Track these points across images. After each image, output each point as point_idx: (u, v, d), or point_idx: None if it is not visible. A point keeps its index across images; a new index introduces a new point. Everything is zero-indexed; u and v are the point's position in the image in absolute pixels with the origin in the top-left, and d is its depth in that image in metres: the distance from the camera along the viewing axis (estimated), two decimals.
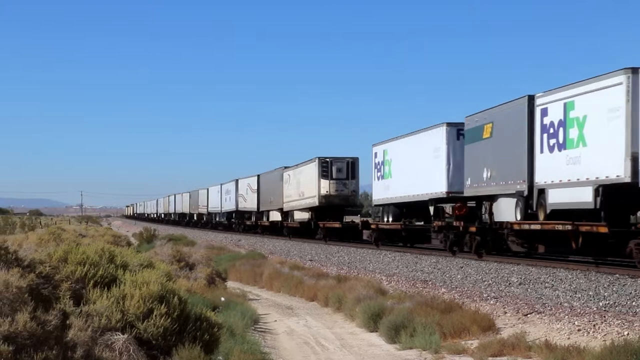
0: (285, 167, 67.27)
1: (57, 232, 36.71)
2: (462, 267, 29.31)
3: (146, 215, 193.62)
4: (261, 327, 21.00)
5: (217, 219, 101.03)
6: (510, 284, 23.82)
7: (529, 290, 22.21)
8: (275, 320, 22.75)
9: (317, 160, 56.32)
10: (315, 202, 56.57)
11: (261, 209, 76.34)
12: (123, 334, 11.33)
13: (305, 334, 20.27)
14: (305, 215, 60.66)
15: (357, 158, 56.94)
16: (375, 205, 51.14)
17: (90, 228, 77.13)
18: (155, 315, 11.90)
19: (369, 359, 16.41)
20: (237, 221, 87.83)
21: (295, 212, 63.71)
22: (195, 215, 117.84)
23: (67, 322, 10.75)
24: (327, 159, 56.19)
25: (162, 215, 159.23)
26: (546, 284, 22.89)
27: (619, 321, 16.24)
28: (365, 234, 52.22)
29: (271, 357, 15.75)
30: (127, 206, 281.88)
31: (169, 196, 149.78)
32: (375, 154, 49.45)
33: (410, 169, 42.92)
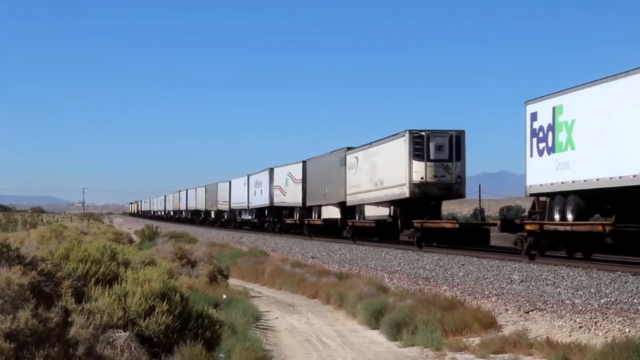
0: (349, 148, 51.16)
1: (58, 230, 36.79)
2: (463, 265, 29.29)
3: (152, 212, 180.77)
4: (263, 324, 21.01)
5: (243, 217, 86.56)
6: (511, 281, 23.82)
7: (530, 287, 22.21)
8: (277, 318, 22.76)
9: (407, 135, 40.45)
10: (403, 192, 40.97)
11: (309, 204, 59.59)
12: (125, 332, 11.34)
13: (306, 331, 20.28)
14: (382, 211, 45.97)
15: (463, 131, 41.21)
16: (536, 195, 32.92)
17: (92, 225, 77.14)
18: (157, 313, 11.90)
19: (371, 356, 16.42)
20: (272, 219, 71.63)
21: (366, 207, 47.96)
22: (212, 212, 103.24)
23: (69, 319, 10.76)
24: (422, 133, 40.48)
25: (171, 213, 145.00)
26: (548, 282, 22.89)
27: (621, 318, 16.24)
28: (491, 237, 39.55)
29: (273, 355, 15.76)
30: (131, 203, 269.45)
31: (179, 191, 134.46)
32: (534, 114, 31.48)
33: (619, 133, 26.19)
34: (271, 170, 71.57)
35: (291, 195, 64.11)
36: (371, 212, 47.59)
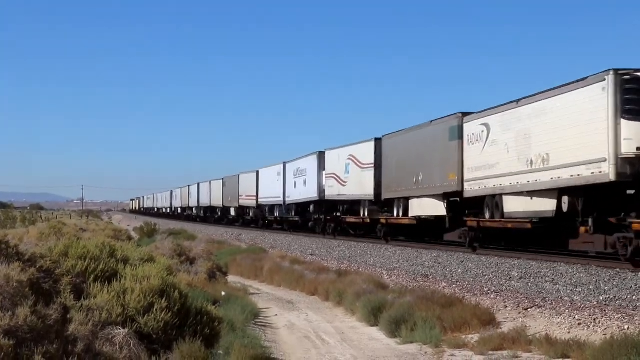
0: (465, 114, 34.85)
1: (57, 227, 36.76)
2: (462, 262, 29.31)
3: (156, 209, 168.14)
4: (262, 321, 21.01)
5: (277, 214, 70.59)
6: (510, 278, 23.83)
7: (529, 284, 22.22)
8: (276, 315, 22.77)
9: (611, 78, 24.32)
10: (601, 173, 24.85)
11: (386, 196, 44.16)
12: (124, 328, 11.34)
13: (305, 328, 20.29)
14: (541, 205, 29.22)
15: None
16: None
17: (91, 222, 77.15)
18: (156, 310, 11.91)
19: (370, 353, 16.42)
20: (323, 217, 55.55)
21: (508, 198, 31.52)
22: (233, 209, 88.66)
23: (68, 316, 10.76)
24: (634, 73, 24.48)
25: (179, 210, 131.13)
26: (547, 278, 22.90)
27: (620, 315, 16.25)
28: None
29: (272, 351, 15.76)
30: (132, 200, 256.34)
31: (189, 186, 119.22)
32: None
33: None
34: (321, 155, 56.51)
35: (355, 186, 48.90)
36: (517, 206, 30.94)
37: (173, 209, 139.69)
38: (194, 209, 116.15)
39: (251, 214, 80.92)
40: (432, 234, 40.34)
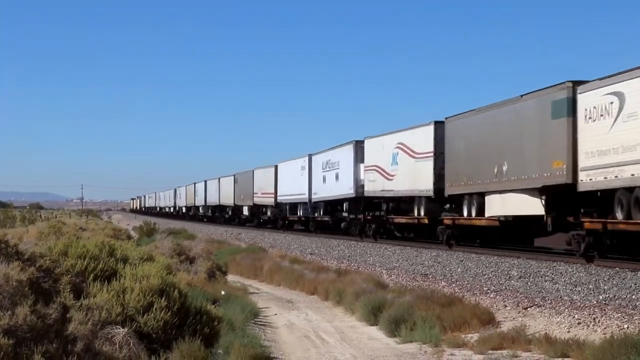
0: (578, 82, 27.03)
1: (57, 226, 36.76)
2: (462, 261, 29.32)
3: (158, 209, 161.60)
4: (261, 320, 21.01)
5: (301, 213, 61.93)
6: (510, 277, 23.84)
7: (529, 283, 22.22)
8: (276, 314, 22.77)
9: None
10: None
11: (451, 192, 36.96)
12: (123, 328, 11.34)
13: (305, 327, 20.29)
14: None
15: None
16: None
17: (90, 222, 77.13)
18: (156, 309, 11.91)
19: (369, 353, 16.42)
20: (362, 217, 47.36)
21: None
22: (246, 208, 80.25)
23: (67, 315, 10.76)
24: None
25: (183, 210, 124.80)
26: (546, 278, 22.90)
27: (619, 314, 16.26)
28: None
29: (271, 351, 15.76)
30: (133, 199, 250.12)
31: (194, 184, 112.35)
32: None
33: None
34: (358, 144, 48.60)
35: (406, 179, 40.87)
36: None
37: (177, 208, 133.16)
38: (200, 208, 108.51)
39: (268, 214, 71.19)
40: (520, 238, 32.84)
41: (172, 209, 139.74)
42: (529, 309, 18.40)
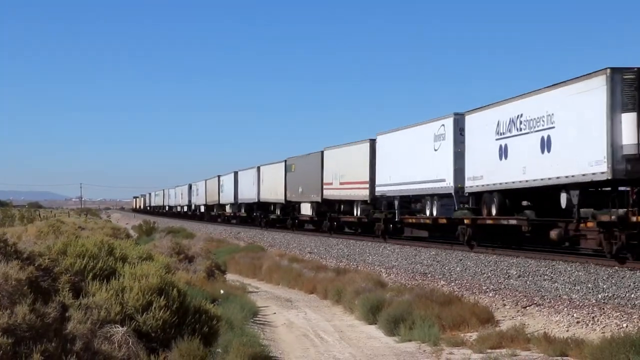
0: None
1: (56, 225, 36.75)
2: (461, 260, 29.32)
3: (167, 208, 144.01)
4: (260, 319, 21.02)
5: (434, 211, 38.19)
6: (509, 276, 23.84)
7: (528, 282, 22.23)
8: (275, 313, 22.78)
9: None
10: None
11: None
12: (122, 327, 11.34)
13: (304, 326, 20.29)
14: None
15: None
16: None
17: (89, 221, 77.09)
18: (155, 308, 11.91)
19: (368, 352, 16.42)
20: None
21: None
22: (307, 205, 58.26)
23: (67, 314, 10.77)
24: None
25: (202, 208, 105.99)
26: (545, 277, 22.91)
27: (618, 313, 16.26)
28: None
29: (270, 350, 15.76)
30: (135, 197, 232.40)
31: (219, 176, 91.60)
32: None
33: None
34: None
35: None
36: None
37: (194, 207, 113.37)
38: (228, 207, 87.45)
39: (358, 211, 47.80)
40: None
41: (186, 208, 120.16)
42: (528, 307, 18.40)
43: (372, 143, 45.85)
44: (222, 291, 22.42)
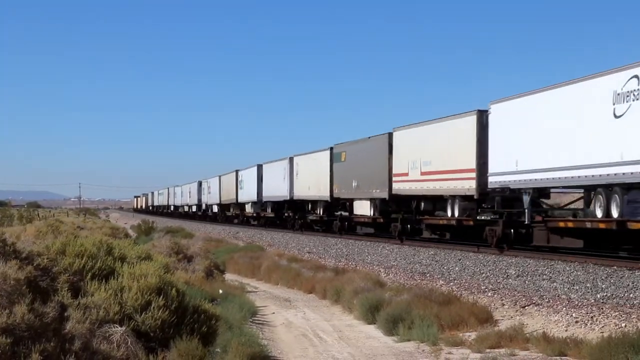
0: None
1: (55, 225, 36.74)
2: (460, 260, 29.32)
3: (172, 208, 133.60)
4: (259, 319, 21.02)
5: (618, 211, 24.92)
6: (508, 276, 23.84)
7: (526, 282, 22.23)
8: (273, 313, 22.77)
9: None
10: None
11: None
12: (121, 326, 11.34)
13: (303, 326, 20.29)
14: None
15: None
16: None
17: (88, 220, 77.08)
18: (153, 308, 11.91)
19: (367, 351, 16.42)
20: None
21: None
22: (365, 203, 45.98)
23: (65, 314, 10.76)
24: None
25: (214, 208, 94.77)
26: (544, 276, 22.91)
27: (617, 313, 16.27)
28: None
29: (269, 349, 15.76)
30: (137, 197, 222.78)
31: (237, 171, 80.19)
32: None
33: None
34: None
35: None
36: None
37: (204, 206, 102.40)
38: (248, 206, 75.54)
39: (455, 210, 35.08)
40: None
41: (195, 208, 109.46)
42: (526, 307, 18.41)
43: (482, 116, 33.18)
44: (220, 291, 22.42)
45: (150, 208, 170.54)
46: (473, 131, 33.37)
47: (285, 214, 63.10)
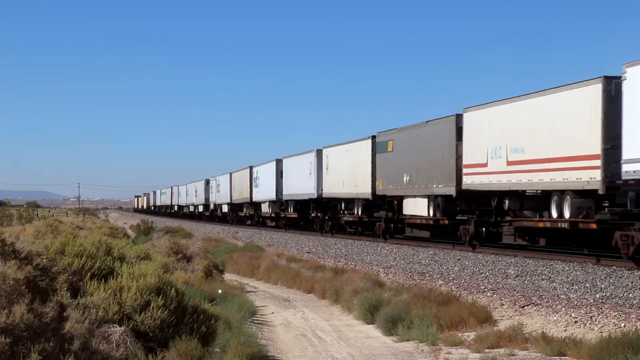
0: None
1: (54, 224, 36.76)
2: (459, 260, 29.33)
3: (176, 208, 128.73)
4: (258, 319, 21.02)
5: None
6: (507, 276, 23.85)
7: (526, 282, 22.23)
8: (273, 313, 22.77)
9: None
10: None
11: None
12: (120, 326, 11.34)
13: (302, 326, 20.29)
14: None
15: None
16: None
17: (87, 220, 77.06)
18: (152, 308, 11.90)
19: (366, 351, 16.43)
20: None
21: None
22: (420, 202, 38.58)
23: (64, 314, 10.75)
24: None
25: (225, 208, 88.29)
26: (543, 276, 22.92)
27: (616, 313, 16.27)
28: None
29: (268, 349, 15.77)
30: (137, 196, 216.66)
31: (251, 167, 73.77)
32: None
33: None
34: None
35: None
36: None
37: (212, 206, 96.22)
38: (265, 205, 68.57)
39: (564, 209, 27.73)
40: None
41: (201, 208, 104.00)
42: (525, 307, 18.40)
43: (609, 84, 25.72)
44: (220, 291, 22.41)
45: (153, 208, 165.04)
46: (597, 104, 25.75)
47: (312, 215, 55.98)
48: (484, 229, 32.90)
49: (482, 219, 33.32)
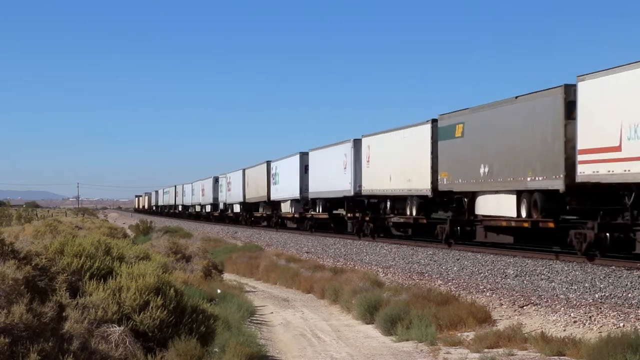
0: None
1: (53, 224, 36.73)
2: (458, 259, 29.33)
3: (179, 208, 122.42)
4: (257, 319, 21.02)
5: None
6: (506, 276, 23.85)
7: (525, 282, 22.23)
8: (272, 312, 22.77)
9: None
10: None
11: None
12: (119, 326, 11.33)
13: (301, 325, 20.29)
14: None
15: None
16: None
17: (86, 220, 77.03)
18: (152, 307, 11.90)
19: (365, 351, 16.42)
20: None
21: None
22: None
23: (64, 314, 10.75)
24: None
25: (235, 208, 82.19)
26: (542, 276, 22.92)
27: (615, 313, 16.27)
28: None
29: (267, 349, 15.77)
30: (138, 196, 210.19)
31: (268, 162, 67.65)
32: None
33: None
34: None
35: None
36: None
37: (222, 206, 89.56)
38: (286, 205, 62.01)
39: None
40: None
41: (209, 208, 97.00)
42: (525, 307, 18.40)
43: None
44: (219, 290, 22.41)
45: (154, 208, 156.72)
46: None
47: (348, 215, 48.63)
48: (607, 234, 25.28)
49: (606, 221, 25.57)
